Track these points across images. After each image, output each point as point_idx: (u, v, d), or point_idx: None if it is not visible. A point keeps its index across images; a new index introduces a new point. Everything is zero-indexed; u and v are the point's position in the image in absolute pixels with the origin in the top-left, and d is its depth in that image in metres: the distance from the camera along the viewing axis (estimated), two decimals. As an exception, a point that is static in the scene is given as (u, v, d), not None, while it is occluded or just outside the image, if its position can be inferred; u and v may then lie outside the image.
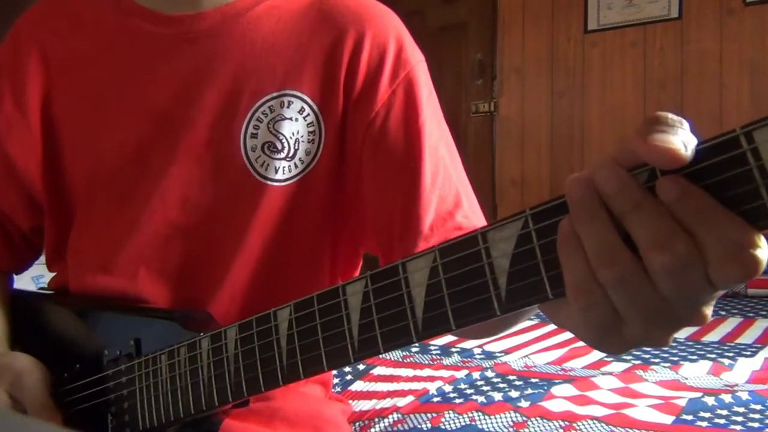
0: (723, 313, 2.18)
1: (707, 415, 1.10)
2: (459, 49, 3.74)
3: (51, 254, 0.77)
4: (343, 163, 0.70)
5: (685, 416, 1.10)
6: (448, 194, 0.68)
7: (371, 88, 0.68)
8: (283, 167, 0.68)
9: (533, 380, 1.32)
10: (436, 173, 0.68)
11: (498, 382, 1.30)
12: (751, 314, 2.15)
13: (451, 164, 0.70)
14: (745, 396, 1.18)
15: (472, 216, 0.69)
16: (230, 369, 0.52)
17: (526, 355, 1.54)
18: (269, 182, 0.68)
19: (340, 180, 0.70)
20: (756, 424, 1.06)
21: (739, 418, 1.09)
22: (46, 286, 0.82)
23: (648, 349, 1.70)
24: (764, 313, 2.17)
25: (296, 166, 0.68)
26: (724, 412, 1.12)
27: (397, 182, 0.67)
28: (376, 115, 0.68)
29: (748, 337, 1.81)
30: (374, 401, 1.21)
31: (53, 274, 0.80)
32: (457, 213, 0.67)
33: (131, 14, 0.71)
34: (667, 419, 1.09)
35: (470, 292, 0.40)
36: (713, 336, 1.84)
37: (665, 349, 1.70)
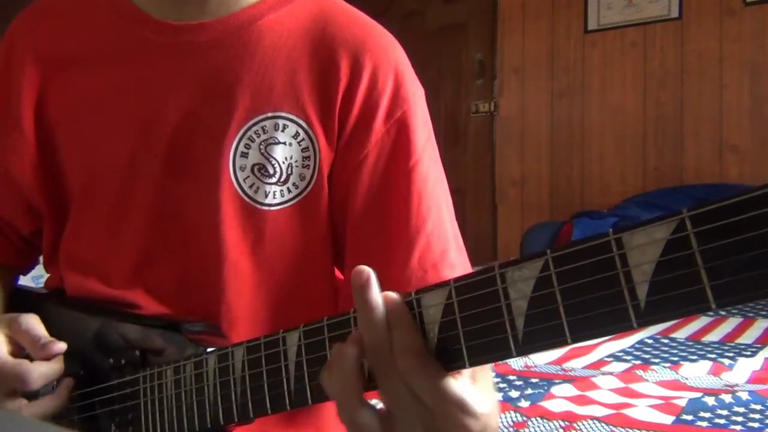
0: (723, 313, 2.18)
1: (707, 415, 1.10)
2: (459, 49, 3.73)
3: (48, 255, 0.77)
4: (332, 193, 0.68)
5: (685, 416, 1.10)
6: (436, 243, 0.66)
7: (365, 124, 0.66)
8: (274, 192, 0.66)
9: (533, 380, 1.32)
10: (424, 221, 0.65)
11: (498, 382, 1.30)
12: (751, 314, 2.15)
13: (444, 211, 0.68)
14: (745, 396, 1.18)
15: (458, 267, 0.66)
16: (237, 390, 0.52)
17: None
18: (259, 206, 0.66)
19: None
20: (756, 424, 1.06)
21: (739, 418, 1.09)
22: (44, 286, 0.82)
23: (648, 348, 1.69)
24: (764, 313, 2.17)
25: (290, 190, 0.67)
26: (724, 412, 1.12)
27: (380, 225, 0.66)
28: (367, 154, 0.66)
29: (748, 337, 1.81)
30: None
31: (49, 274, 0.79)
32: (443, 265, 0.65)
33: (132, 20, 0.69)
34: (667, 419, 1.09)
35: (486, 331, 0.39)
36: (713, 336, 1.84)
37: (665, 349, 1.70)
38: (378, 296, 0.43)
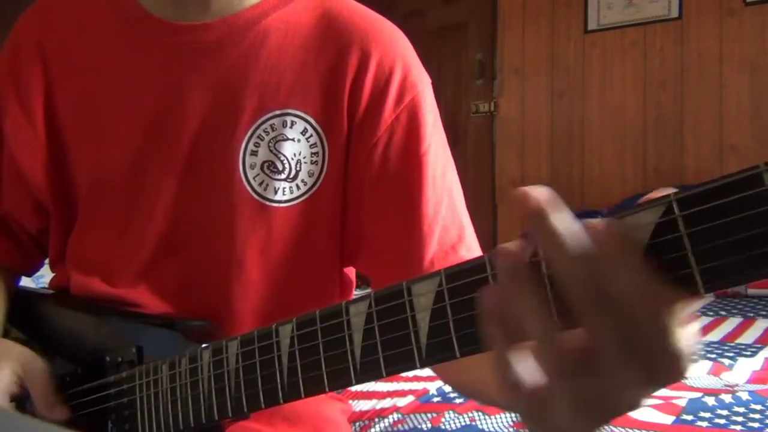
0: (723, 313, 2.18)
1: (707, 415, 1.10)
2: (459, 49, 3.74)
3: (55, 255, 0.77)
4: (347, 184, 0.69)
5: (685, 416, 1.10)
6: (452, 226, 0.67)
7: (375, 111, 0.67)
8: (284, 188, 0.66)
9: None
10: (439, 203, 0.66)
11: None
12: (751, 314, 2.15)
13: (456, 195, 0.69)
14: (745, 396, 1.18)
15: (475, 250, 0.68)
16: (231, 384, 0.52)
17: (526, 355, 1.54)
18: (268, 203, 0.66)
19: (344, 201, 0.69)
20: (756, 424, 1.06)
21: (739, 418, 1.09)
22: (46, 286, 0.82)
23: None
24: (764, 313, 2.16)
25: (298, 187, 0.67)
26: (724, 412, 1.11)
27: (397, 210, 0.66)
28: (378, 140, 0.67)
29: (748, 337, 1.81)
30: (374, 401, 1.21)
31: (54, 274, 0.79)
32: (461, 247, 0.66)
33: (135, 20, 0.69)
34: (667, 419, 1.09)
35: (476, 319, 0.38)
36: (713, 336, 1.84)
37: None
38: (575, 221, 0.34)
